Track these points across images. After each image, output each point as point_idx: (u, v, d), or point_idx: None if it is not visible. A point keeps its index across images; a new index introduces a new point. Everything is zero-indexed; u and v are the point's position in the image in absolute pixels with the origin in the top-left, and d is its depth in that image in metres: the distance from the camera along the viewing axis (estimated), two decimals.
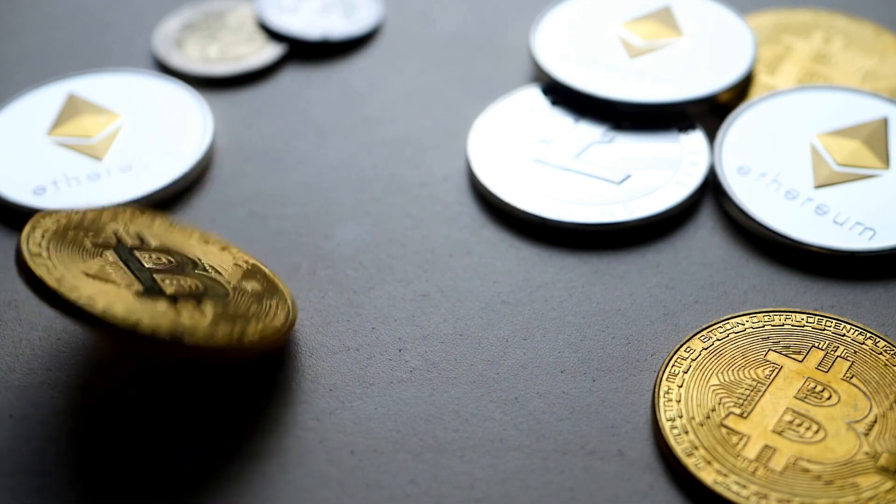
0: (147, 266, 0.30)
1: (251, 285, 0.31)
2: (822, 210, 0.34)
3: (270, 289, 0.31)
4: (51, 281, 0.28)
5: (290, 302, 0.31)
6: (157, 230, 0.32)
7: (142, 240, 0.31)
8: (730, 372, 0.30)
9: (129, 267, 0.30)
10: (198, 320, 0.28)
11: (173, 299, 0.29)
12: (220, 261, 0.31)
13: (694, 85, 0.37)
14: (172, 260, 0.31)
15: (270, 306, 0.30)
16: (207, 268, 0.31)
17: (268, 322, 0.30)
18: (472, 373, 0.31)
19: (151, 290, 0.29)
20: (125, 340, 0.28)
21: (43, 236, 0.29)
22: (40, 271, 0.28)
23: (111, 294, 0.28)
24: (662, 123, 0.36)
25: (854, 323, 0.31)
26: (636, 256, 0.33)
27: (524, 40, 0.40)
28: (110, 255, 0.30)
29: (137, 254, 0.30)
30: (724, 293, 0.32)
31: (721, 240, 0.34)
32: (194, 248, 0.32)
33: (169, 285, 0.29)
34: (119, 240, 0.30)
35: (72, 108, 0.37)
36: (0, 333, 0.32)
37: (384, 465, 0.29)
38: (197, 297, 0.29)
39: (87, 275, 0.29)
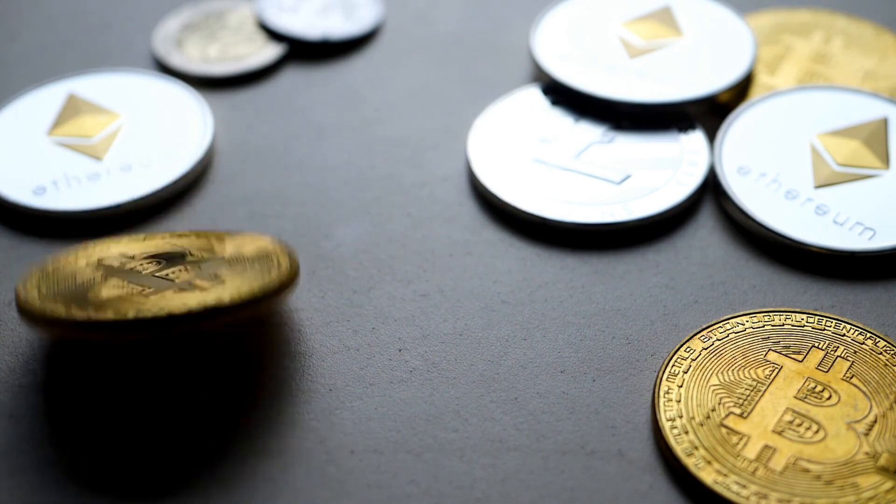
0: (148, 272, 0.30)
1: (246, 249, 0.31)
2: (822, 210, 0.34)
3: (263, 247, 0.31)
4: (131, 311, 0.28)
5: (284, 250, 0.32)
6: (128, 246, 0.32)
7: (125, 256, 0.31)
8: (730, 372, 0.30)
9: (138, 281, 0.30)
10: (232, 284, 0.29)
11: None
12: (202, 244, 0.32)
13: (694, 85, 0.37)
14: (162, 260, 0.31)
15: (273, 257, 0.31)
16: (196, 252, 0.31)
17: (282, 267, 0.30)
18: (472, 373, 0.31)
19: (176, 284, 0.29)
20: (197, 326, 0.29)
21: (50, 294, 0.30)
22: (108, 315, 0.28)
23: (176, 297, 0.29)
24: (662, 123, 0.36)
25: (854, 323, 0.31)
26: (636, 256, 0.33)
27: (524, 40, 0.40)
28: (114, 281, 0.30)
29: (130, 267, 0.30)
30: (724, 293, 0.32)
31: (721, 240, 0.34)
32: (175, 244, 0.32)
33: (182, 273, 0.30)
34: (106, 265, 0.31)
35: (72, 108, 0.37)
36: (0, 333, 0.32)
37: (384, 465, 0.29)
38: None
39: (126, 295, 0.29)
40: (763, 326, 0.31)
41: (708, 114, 0.37)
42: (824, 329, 0.31)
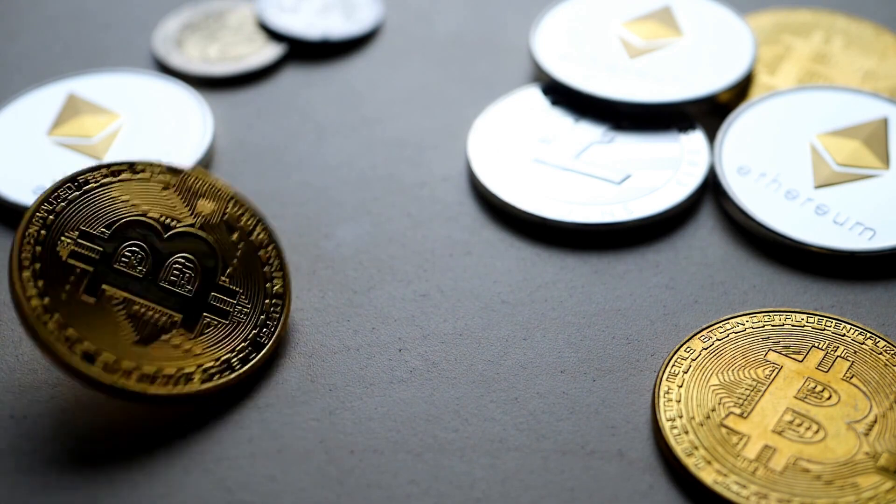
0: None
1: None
2: (822, 210, 0.34)
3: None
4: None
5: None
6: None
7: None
8: (730, 372, 0.30)
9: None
10: None
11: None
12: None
13: (694, 85, 0.37)
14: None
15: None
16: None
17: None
18: (472, 373, 0.31)
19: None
20: None
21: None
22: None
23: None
24: (662, 123, 0.36)
25: (854, 323, 0.31)
26: (636, 256, 0.33)
27: (524, 40, 0.40)
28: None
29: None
30: (724, 293, 0.32)
31: (721, 240, 0.34)
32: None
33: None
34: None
35: (72, 108, 0.37)
36: (0, 333, 0.32)
37: (384, 465, 0.29)
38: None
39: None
40: (763, 326, 0.31)
41: (708, 114, 0.37)
42: (824, 329, 0.31)
